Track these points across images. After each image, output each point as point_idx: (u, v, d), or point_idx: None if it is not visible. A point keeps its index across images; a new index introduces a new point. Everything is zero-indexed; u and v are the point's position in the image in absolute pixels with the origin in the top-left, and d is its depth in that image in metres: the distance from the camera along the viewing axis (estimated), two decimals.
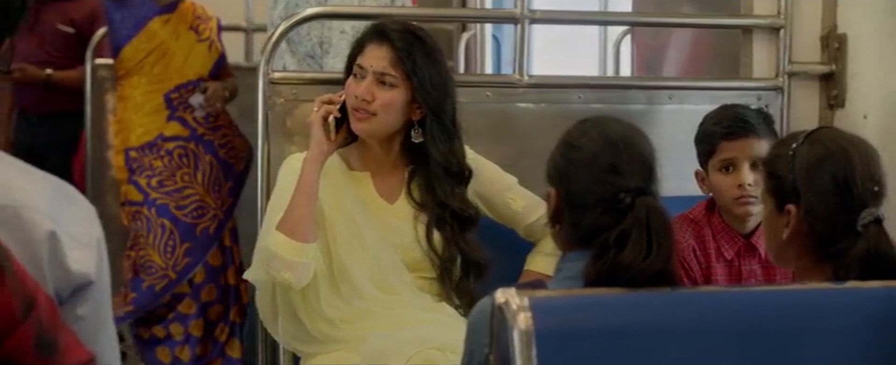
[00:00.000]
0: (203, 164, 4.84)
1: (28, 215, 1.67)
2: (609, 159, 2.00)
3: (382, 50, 2.89)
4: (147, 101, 4.82)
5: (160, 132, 4.82)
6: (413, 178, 2.99)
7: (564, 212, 2.03)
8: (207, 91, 4.90)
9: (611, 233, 1.92)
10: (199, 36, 4.91)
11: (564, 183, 2.03)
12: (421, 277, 2.97)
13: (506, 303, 1.81)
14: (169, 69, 4.83)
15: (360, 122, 2.91)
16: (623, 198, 1.96)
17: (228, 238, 4.85)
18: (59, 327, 1.60)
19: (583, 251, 1.99)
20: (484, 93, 3.32)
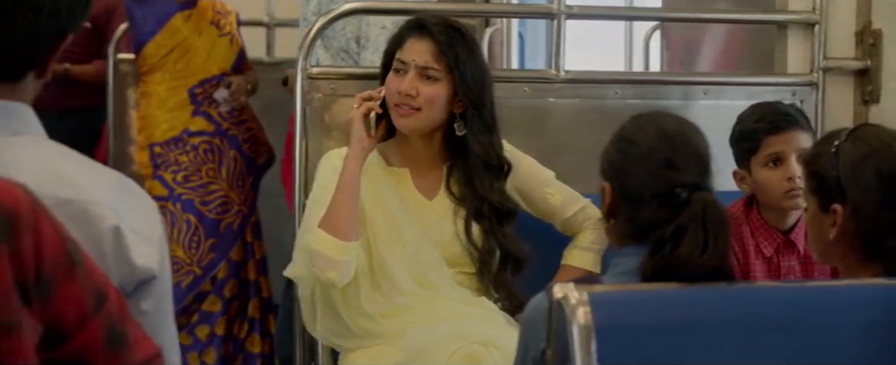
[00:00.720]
0: (227, 159, 4.86)
1: (94, 210, 1.68)
2: (665, 154, 2.00)
3: (424, 43, 2.89)
4: (171, 96, 4.83)
5: (185, 127, 4.83)
6: (452, 173, 3.00)
7: (619, 207, 2.03)
8: (232, 85, 4.91)
9: (667, 228, 1.93)
10: (221, 30, 4.93)
11: (619, 178, 2.04)
12: (460, 272, 2.97)
13: (564, 298, 1.81)
14: (192, 65, 4.84)
15: (403, 118, 2.91)
16: (679, 193, 1.96)
17: (250, 233, 4.86)
18: (128, 321, 1.61)
19: (637, 246, 2.00)
20: (520, 88, 3.33)
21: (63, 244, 1.54)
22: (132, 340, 1.60)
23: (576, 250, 3.10)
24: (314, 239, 2.82)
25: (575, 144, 3.40)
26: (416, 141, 2.98)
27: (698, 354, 1.85)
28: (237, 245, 4.81)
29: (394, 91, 2.90)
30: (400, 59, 2.91)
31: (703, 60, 4.08)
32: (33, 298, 1.49)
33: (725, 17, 3.71)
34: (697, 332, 1.86)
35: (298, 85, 3.18)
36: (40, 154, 1.73)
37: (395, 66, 2.93)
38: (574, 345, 1.79)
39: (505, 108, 3.11)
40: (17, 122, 1.74)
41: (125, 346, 1.59)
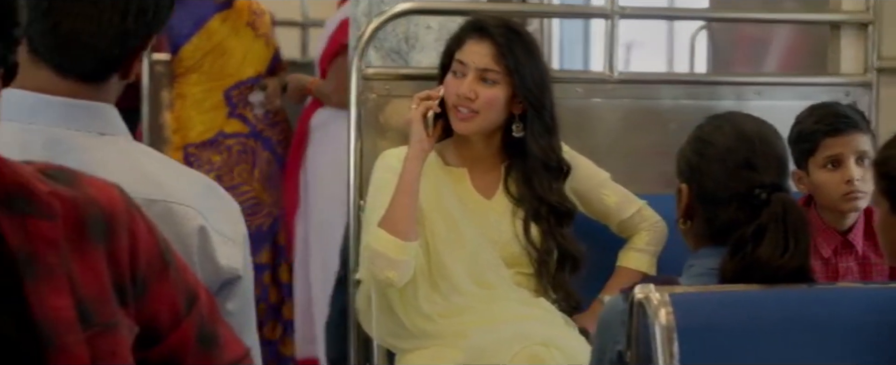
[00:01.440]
0: (261, 161, 4.87)
1: (179, 210, 1.68)
2: (744, 154, 2.00)
3: (483, 46, 2.89)
4: (207, 98, 4.84)
5: (220, 129, 4.85)
6: (510, 173, 2.99)
7: (696, 208, 2.03)
8: (267, 88, 4.92)
9: (746, 229, 1.92)
10: (256, 32, 4.94)
11: (697, 178, 2.03)
12: (519, 272, 2.97)
13: (646, 299, 1.81)
14: (228, 67, 4.86)
15: (462, 122, 2.90)
16: (758, 193, 1.95)
17: (283, 235, 4.86)
18: (218, 321, 1.61)
19: (715, 247, 1.99)
20: (574, 88, 3.32)
21: (157, 244, 1.54)
22: (223, 341, 1.61)
23: (632, 252, 3.10)
24: (374, 238, 2.82)
25: (628, 145, 3.39)
26: (474, 141, 2.97)
27: (779, 355, 1.85)
28: (266, 247, 4.82)
29: (452, 93, 2.90)
30: (459, 60, 2.91)
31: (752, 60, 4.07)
32: (129, 299, 1.50)
33: (778, 18, 3.69)
34: (779, 333, 1.86)
35: (353, 86, 3.17)
36: (126, 154, 1.74)
37: (453, 68, 2.92)
38: (656, 346, 1.79)
39: (558, 109, 3.09)
40: (103, 123, 1.74)
41: (216, 346, 1.59)
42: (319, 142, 4.70)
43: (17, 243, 1.42)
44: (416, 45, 3.45)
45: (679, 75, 3.89)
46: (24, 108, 1.66)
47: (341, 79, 4.49)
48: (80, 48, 1.69)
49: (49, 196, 1.44)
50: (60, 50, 1.68)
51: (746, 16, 3.65)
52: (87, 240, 1.46)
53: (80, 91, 1.72)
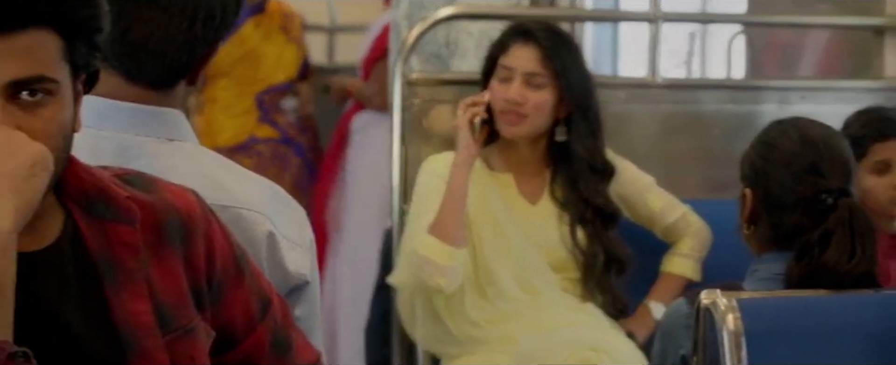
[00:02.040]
0: (292, 166, 4.87)
1: (248, 216, 1.68)
2: (810, 159, 1.99)
3: (529, 50, 2.89)
4: (237, 102, 4.84)
5: (252, 134, 4.85)
6: (556, 178, 2.99)
7: (761, 213, 2.02)
8: (300, 94, 4.92)
9: (813, 234, 1.92)
10: (288, 36, 4.94)
11: (762, 183, 2.02)
12: (565, 277, 2.96)
13: (713, 304, 1.81)
14: (259, 72, 4.85)
15: (511, 126, 2.90)
16: (824, 198, 1.95)
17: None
18: (291, 326, 1.61)
19: (779, 252, 1.99)
20: (616, 93, 3.31)
21: (232, 250, 1.55)
22: (296, 346, 1.61)
23: (676, 258, 3.09)
24: (422, 245, 2.81)
25: (669, 151, 3.38)
26: (520, 146, 2.97)
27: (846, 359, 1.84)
28: None
29: (500, 99, 2.89)
30: (505, 65, 2.90)
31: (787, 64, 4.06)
32: (206, 304, 1.50)
33: (821, 22, 3.68)
34: (845, 338, 1.85)
35: (397, 91, 3.17)
36: (195, 160, 1.73)
37: (499, 73, 2.91)
38: (724, 350, 1.79)
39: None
40: (172, 129, 1.74)
41: (289, 351, 1.59)
42: (360, 145, 4.69)
43: (98, 248, 1.42)
44: (456, 51, 3.45)
45: (722, 80, 3.88)
46: (94, 113, 1.66)
47: (383, 82, 4.49)
48: (149, 54, 1.69)
49: (128, 201, 1.45)
50: (129, 56, 1.68)
51: (790, 20, 3.63)
52: (165, 245, 1.47)
53: (149, 97, 1.72)
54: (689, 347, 1.93)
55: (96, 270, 1.42)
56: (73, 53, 1.36)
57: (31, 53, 1.32)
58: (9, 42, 1.30)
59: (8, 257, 1.27)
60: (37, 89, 1.33)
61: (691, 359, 1.88)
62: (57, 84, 1.34)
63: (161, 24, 1.69)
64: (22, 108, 1.32)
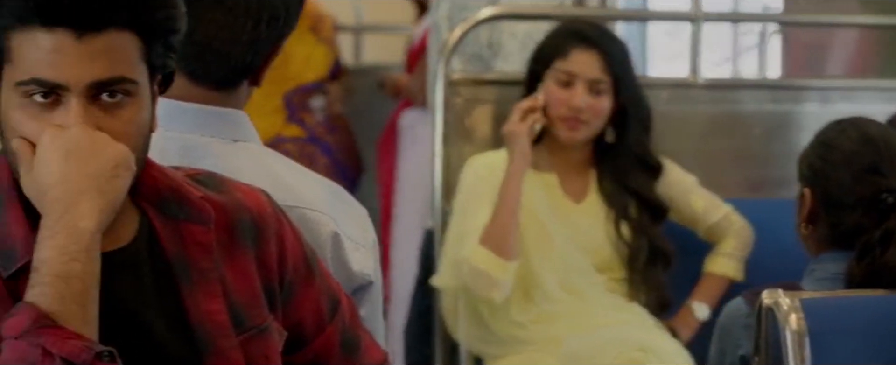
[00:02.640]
0: (318, 166, 4.86)
1: (313, 216, 1.68)
2: (870, 158, 1.98)
3: (591, 56, 2.87)
4: (266, 102, 4.84)
5: (278, 133, 4.85)
6: (603, 176, 2.98)
7: (820, 213, 2.02)
8: (329, 94, 4.92)
9: (874, 234, 1.91)
10: (318, 36, 4.94)
11: (821, 183, 2.02)
12: (610, 278, 2.96)
13: (775, 304, 1.81)
14: (288, 71, 4.85)
15: (571, 132, 2.89)
16: (885, 198, 1.94)
17: None
18: (359, 326, 1.62)
19: (838, 252, 1.98)
20: (658, 94, 3.30)
21: (303, 250, 1.55)
22: (364, 346, 1.61)
23: (719, 258, 3.08)
24: (475, 256, 2.79)
25: (710, 150, 3.38)
26: (569, 147, 2.96)
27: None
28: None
29: (561, 104, 2.87)
30: (565, 70, 2.88)
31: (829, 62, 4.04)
32: (277, 304, 1.50)
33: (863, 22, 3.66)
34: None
35: (438, 91, 3.17)
36: (259, 161, 1.74)
37: (558, 78, 2.89)
38: (787, 350, 1.78)
39: None
40: (236, 129, 1.75)
41: (358, 351, 1.60)
42: (407, 143, 4.69)
43: (172, 248, 1.43)
44: (500, 53, 3.44)
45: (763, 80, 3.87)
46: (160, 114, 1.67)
47: (423, 78, 4.50)
48: (214, 55, 1.69)
49: (202, 201, 1.46)
50: (194, 57, 1.68)
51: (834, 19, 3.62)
52: (237, 245, 1.48)
53: (213, 98, 1.73)
54: (748, 346, 1.93)
55: (171, 269, 1.43)
56: (151, 54, 1.37)
57: (112, 55, 1.33)
58: (90, 44, 1.31)
59: (92, 257, 1.28)
60: (117, 90, 1.34)
61: (752, 359, 1.88)
62: (136, 85, 1.35)
63: (226, 24, 1.69)
64: (102, 109, 1.33)
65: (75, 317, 1.25)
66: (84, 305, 1.26)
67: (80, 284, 1.26)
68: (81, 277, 1.26)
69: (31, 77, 1.31)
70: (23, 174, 1.33)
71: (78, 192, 1.28)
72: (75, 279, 1.26)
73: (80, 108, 1.31)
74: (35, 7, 1.30)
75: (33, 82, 1.32)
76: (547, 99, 2.88)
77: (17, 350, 1.23)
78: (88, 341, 1.25)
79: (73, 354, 1.23)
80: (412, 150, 4.67)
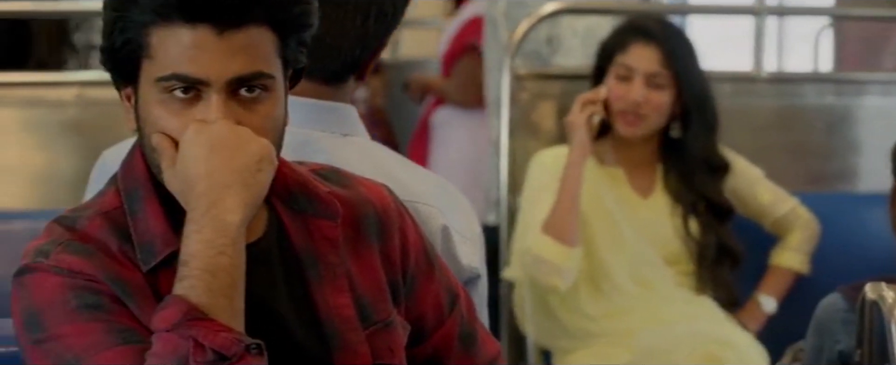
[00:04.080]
0: None
1: (423, 209, 1.68)
2: None
3: (650, 50, 2.88)
4: None
5: None
6: (669, 172, 2.98)
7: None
8: (370, 87, 4.92)
9: None
10: None
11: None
12: (679, 271, 2.96)
13: (880, 297, 1.80)
14: None
15: (630, 126, 2.90)
16: None
17: None
18: (475, 319, 1.63)
19: None
20: (722, 87, 3.30)
21: (423, 244, 1.56)
22: (480, 339, 1.62)
23: (786, 251, 3.08)
24: (537, 244, 2.80)
25: (775, 144, 3.38)
26: (633, 141, 2.96)
27: None
28: None
29: (620, 99, 2.88)
30: (625, 64, 2.89)
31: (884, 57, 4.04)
32: (401, 298, 1.51)
33: None
34: None
35: (504, 86, 3.18)
36: (369, 154, 1.75)
37: (617, 72, 2.90)
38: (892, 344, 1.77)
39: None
40: (346, 123, 1.76)
41: (475, 344, 1.61)
42: (442, 141, 4.68)
43: (301, 242, 1.44)
44: (560, 49, 3.44)
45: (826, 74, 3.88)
46: None
47: (464, 78, 4.50)
48: (325, 50, 1.70)
49: (329, 196, 1.46)
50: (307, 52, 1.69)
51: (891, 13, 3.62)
52: (362, 239, 1.48)
53: (323, 92, 1.74)
54: (846, 341, 1.93)
55: (300, 264, 1.44)
56: (286, 49, 1.38)
57: (250, 50, 1.33)
58: (230, 39, 1.32)
59: (238, 251, 1.29)
60: (255, 85, 1.35)
61: (854, 353, 1.87)
62: (273, 80, 1.36)
63: (336, 19, 1.70)
64: (241, 104, 1.34)
65: (224, 310, 1.26)
66: (231, 298, 1.27)
67: (228, 277, 1.27)
68: (229, 270, 1.27)
69: (172, 73, 1.32)
70: (165, 169, 1.34)
71: (224, 186, 1.29)
72: (223, 272, 1.27)
73: (221, 103, 1.32)
74: (177, 3, 1.31)
75: (174, 78, 1.32)
76: (608, 93, 2.89)
77: (169, 342, 1.24)
78: (238, 334, 1.26)
79: (224, 347, 1.24)
80: (448, 148, 4.67)
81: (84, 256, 1.33)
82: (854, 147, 3.44)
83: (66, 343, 1.29)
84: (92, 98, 3.09)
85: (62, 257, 1.32)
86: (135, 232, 1.36)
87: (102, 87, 3.18)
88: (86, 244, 1.34)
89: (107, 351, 1.28)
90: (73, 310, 1.30)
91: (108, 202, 1.39)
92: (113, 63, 1.38)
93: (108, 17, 1.35)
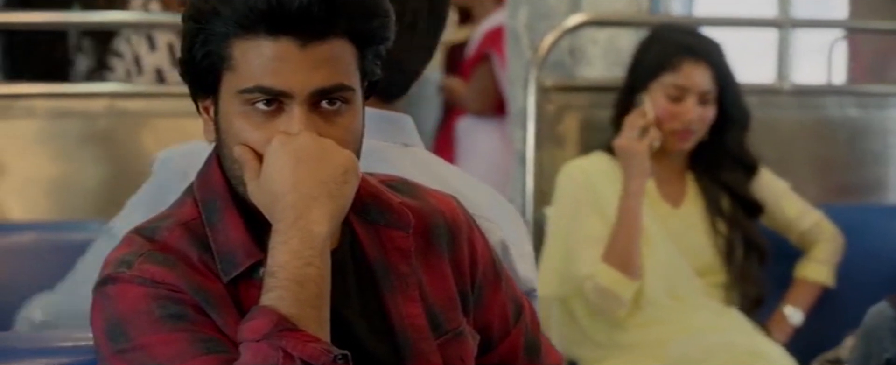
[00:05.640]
0: None
1: (484, 224, 1.69)
2: None
3: (701, 69, 2.88)
4: None
5: None
6: (700, 177, 3.00)
7: None
8: None
9: None
10: None
11: None
12: (709, 282, 2.97)
13: None
14: None
15: (682, 143, 2.91)
16: None
17: None
18: (538, 330, 1.64)
19: None
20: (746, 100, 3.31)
21: (490, 255, 1.57)
22: (544, 349, 1.63)
23: (812, 264, 3.10)
24: (601, 274, 2.79)
25: (799, 156, 3.40)
26: (666, 152, 2.97)
27: None
28: None
29: (674, 117, 2.87)
30: (676, 84, 2.88)
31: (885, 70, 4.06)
32: (470, 308, 1.52)
33: None
34: None
35: (530, 98, 3.18)
36: (427, 165, 1.76)
37: (669, 92, 2.88)
38: None
39: None
40: (406, 134, 1.77)
41: (539, 354, 1.62)
42: (467, 150, 4.68)
43: (374, 252, 1.45)
44: (582, 59, 3.45)
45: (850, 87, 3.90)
46: None
47: (481, 86, 4.52)
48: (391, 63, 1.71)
49: (401, 207, 1.47)
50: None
51: None
52: (433, 250, 1.50)
53: (384, 103, 1.75)
54: (894, 350, 1.94)
55: (373, 274, 1.45)
56: (364, 62, 1.39)
57: (332, 63, 1.34)
58: (312, 52, 1.33)
59: (325, 261, 1.30)
60: (336, 98, 1.36)
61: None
62: (353, 92, 1.37)
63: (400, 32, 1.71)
64: (322, 116, 1.35)
65: (312, 320, 1.27)
66: (319, 309, 1.28)
67: (316, 287, 1.28)
68: (316, 280, 1.28)
69: (255, 85, 1.33)
70: (248, 181, 1.34)
71: (310, 197, 1.30)
72: (310, 283, 1.28)
73: (304, 115, 1.33)
74: (261, 16, 1.31)
75: (257, 90, 1.33)
76: (656, 113, 2.88)
77: (259, 353, 1.25)
78: (326, 345, 1.27)
79: (313, 357, 1.25)
80: (472, 157, 4.66)
81: (166, 266, 1.33)
82: (878, 159, 3.46)
83: (151, 353, 1.30)
84: (121, 109, 3.11)
85: (145, 267, 1.33)
86: (215, 243, 1.37)
87: (132, 99, 3.20)
88: (167, 254, 1.35)
89: (191, 361, 1.29)
90: (157, 319, 1.30)
91: (186, 213, 1.40)
92: (192, 75, 1.38)
93: (188, 29, 1.36)
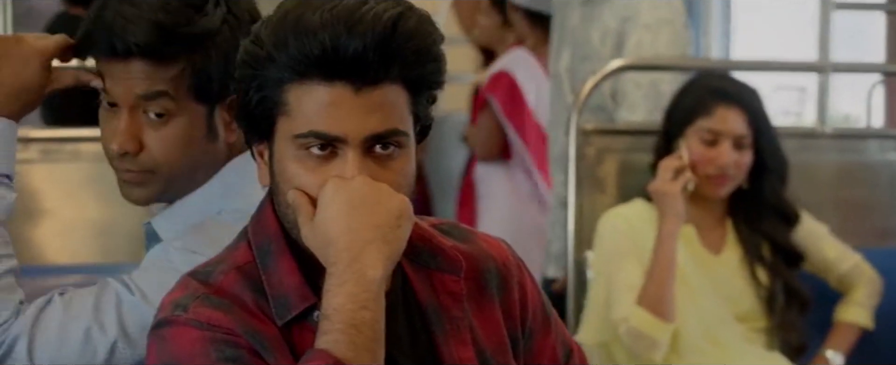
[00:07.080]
0: None
1: None
2: None
3: (735, 113, 2.88)
4: None
5: None
6: (740, 225, 2.99)
7: None
8: None
9: None
10: None
11: None
12: (750, 328, 2.96)
13: None
14: None
15: (718, 188, 2.90)
16: None
17: None
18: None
19: None
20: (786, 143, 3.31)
21: (540, 298, 1.58)
22: None
23: (852, 307, 3.08)
24: (635, 317, 2.78)
25: (838, 199, 3.39)
26: (706, 199, 2.96)
27: None
28: None
29: (708, 163, 2.87)
30: (710, 129, 2.88)
31: None
32: (520, 351, 1.53)
33: None
34: None
35: (572, 142, 3.19)
36: None
37: (704, 137, 2.89)
38: None
39: None
40: None
41: None
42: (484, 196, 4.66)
43: (426, 296, 1.46)
44: (623, 103, 3.45)
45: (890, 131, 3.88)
46: None
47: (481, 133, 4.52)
48: None
49: (453, 251, 1.48)
50: None
51: None
52: (484, 293, 1.50)
53: None
54: None
55: (425, 317, 1.45)
56: (417, 106, 1.41)
57: (386, 108, 1.36)
58: (367, 97, 1.34)
59: (380, 305, 1.31)
60: (390, 143, 1.37)
61: None
62: (407, 137, 1.39)
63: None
64: (375, 160, 1.36)
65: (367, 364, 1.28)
66: (374, 353, 1.29)
67: (371, 331, 1.29)
68: (371, 324, 1.29)
69: (309, 130, 1.34)
70: (302, 224, 1.36)
71: (365, 241, 1.31)
72: (366, 327, 1.29)
73: (358, 159, 1.34)
74: (316, 62, 1.33)
75: (312, 135, 1.35)
76: (692, 157, 2.88)
77: None
78: None
79: None
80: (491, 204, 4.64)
81: (222, 309, 1.35)
82: None
83: None
84: None
85: (201, 311, 1.34)
86: (269, 286, 1.38)
87: None
88: (222, 298, 1.36)
89: None
90: (213, 362, 1.31)
91: (240, 256, 1.41)
92: (247, 120, 1.40)
93: (243, 74, 1.38)
